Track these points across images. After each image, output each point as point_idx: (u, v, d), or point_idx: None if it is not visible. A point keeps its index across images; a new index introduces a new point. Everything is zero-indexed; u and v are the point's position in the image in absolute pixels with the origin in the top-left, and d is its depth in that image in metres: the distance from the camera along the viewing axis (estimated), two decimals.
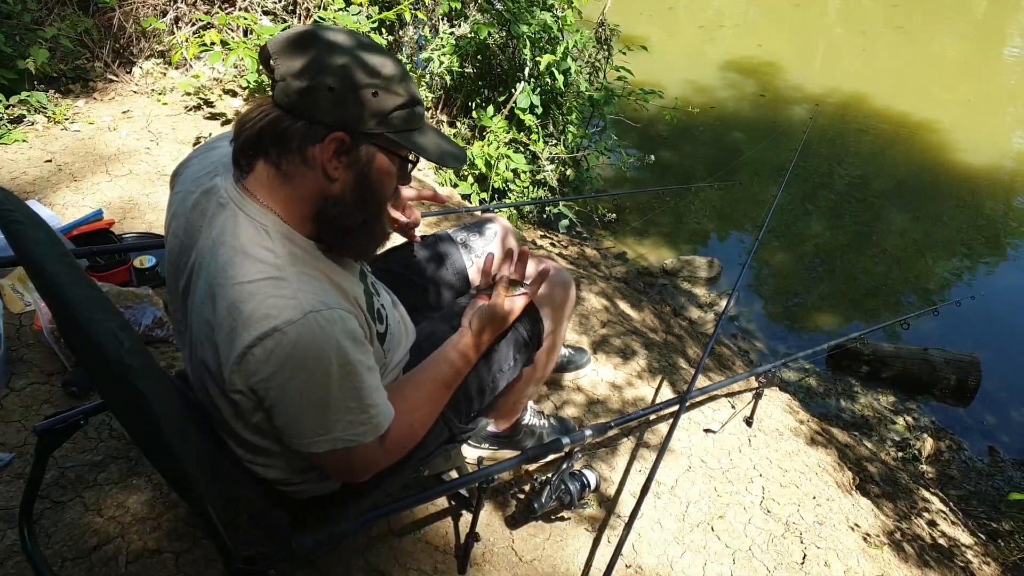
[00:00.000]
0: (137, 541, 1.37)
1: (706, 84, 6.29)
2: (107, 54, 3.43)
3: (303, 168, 0.94)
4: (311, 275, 0.94)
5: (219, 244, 0.93)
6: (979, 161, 5.29)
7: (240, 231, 0.93)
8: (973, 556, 2.08)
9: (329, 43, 0.92)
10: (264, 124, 0.92)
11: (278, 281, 0.90)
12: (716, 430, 2.07)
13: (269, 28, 3.23)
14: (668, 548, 1.67)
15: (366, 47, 0.95)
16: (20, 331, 1.82)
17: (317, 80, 0.89)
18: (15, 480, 1.44)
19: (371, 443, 1.01)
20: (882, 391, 3.18)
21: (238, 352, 0.88)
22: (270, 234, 0.93)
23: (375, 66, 0.93)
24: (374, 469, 1.08)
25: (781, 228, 4.35)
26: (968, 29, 9.16)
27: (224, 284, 0.90)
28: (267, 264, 0.91)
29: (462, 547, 1.48)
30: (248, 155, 0.96)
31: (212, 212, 0.96)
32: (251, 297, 0.89)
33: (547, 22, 3.50)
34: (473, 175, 3.51)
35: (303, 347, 0.89)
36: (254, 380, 0.90)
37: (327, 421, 0.96)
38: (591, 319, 2.50)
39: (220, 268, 0.91)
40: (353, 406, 0.97)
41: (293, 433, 0.96)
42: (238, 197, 0.95)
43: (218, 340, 0.90)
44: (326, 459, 1.00)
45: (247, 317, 0.88)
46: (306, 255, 0.97)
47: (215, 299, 0.90)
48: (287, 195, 0.96)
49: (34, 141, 2.80)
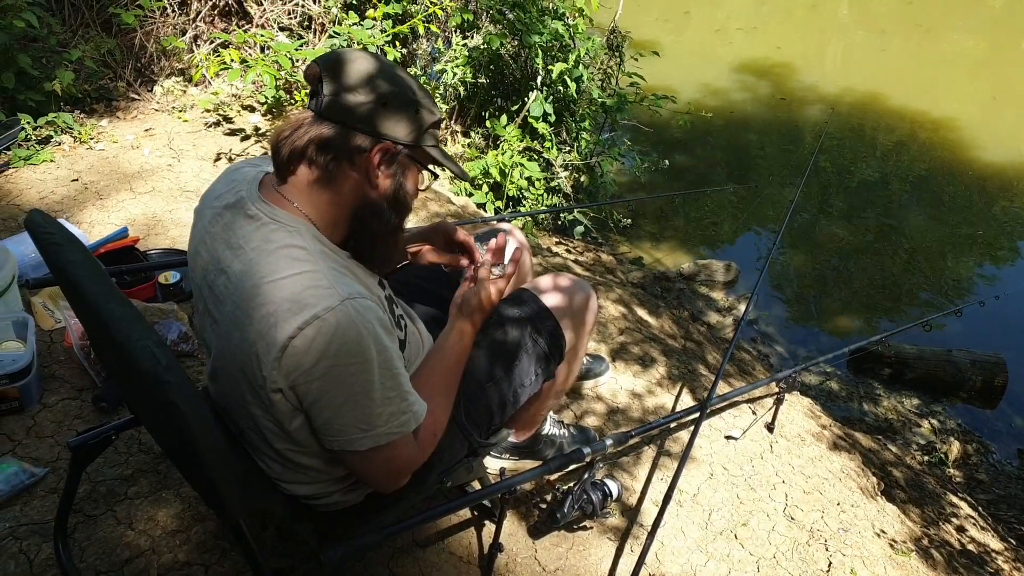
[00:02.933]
0: (168, 554, 1.39)
1: (720, 87, 6.27)
2: (129, 73, 3.51)
3: (349, 174, 1.00)
4: (340, 271, 0.99)
5: (249, 250, 0.96)
6: (999, 158, 5.21)
7: (271, 236, 0.97)
8: (1004, 562, 2.05)
9: (372, 66, 1.00)
10: (312, 135, 0.97)
11: (313, 274, 0.94)
12: (738, 437, 2.06)
13: (286, 44, 3.28)
14: (692, 556, 1.67)
15: (402, 70, 1.04)
16: (51, 348, 1.86)
17: (367, 97, 0.97)
18: (49, 495, 1.48)
19: (410, 437, 1.04)
20: (906, 394, 3.14)
21: (280, 345, 0.90)
22: (301, 234, 0.98)
23: (414, 87, 1.03)
24: (412, 467, 1.09)
25: (799, 230, 4.32)
26: (984, 24, 9.04)
27: (259, 284, 0.93)
28: (300, 260, 0.95)
29: (486, 557, 1.49)
30: (292, 163, 1.00)
31: (239, 224, 1.00)
32: (288, 290, 0.92)
33: (559, 31, 3.52)
34: (488, 184, 3.53)
35: (343, 332, 0.91)
36: (296, 374, 0.92)
37: (370, 414, 0.97)
38: (609, 326, 2.51)
39: (253, 271, 0.94)
40: (393, 396, 0.99)
41: (335, 431, 0.97)
42: (266, 207, 0.99)
43: (256, 340, 0.92)
44: (368, 459, 1.01)
45: (286, 309, 0.90)
46: (335, 255, 1.02)
47: (250, 300, 0.93)
48: (327, 199, 1.01)
49: (61, 161, 2.87)
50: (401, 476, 1.10)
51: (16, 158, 2.78)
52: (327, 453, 1.03)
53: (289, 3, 3.88)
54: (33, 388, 1.67)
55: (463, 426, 1.28)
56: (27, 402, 1.66)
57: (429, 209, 3.19)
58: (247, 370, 0.95)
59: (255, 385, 0.96)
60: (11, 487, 1.46)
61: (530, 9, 3.53)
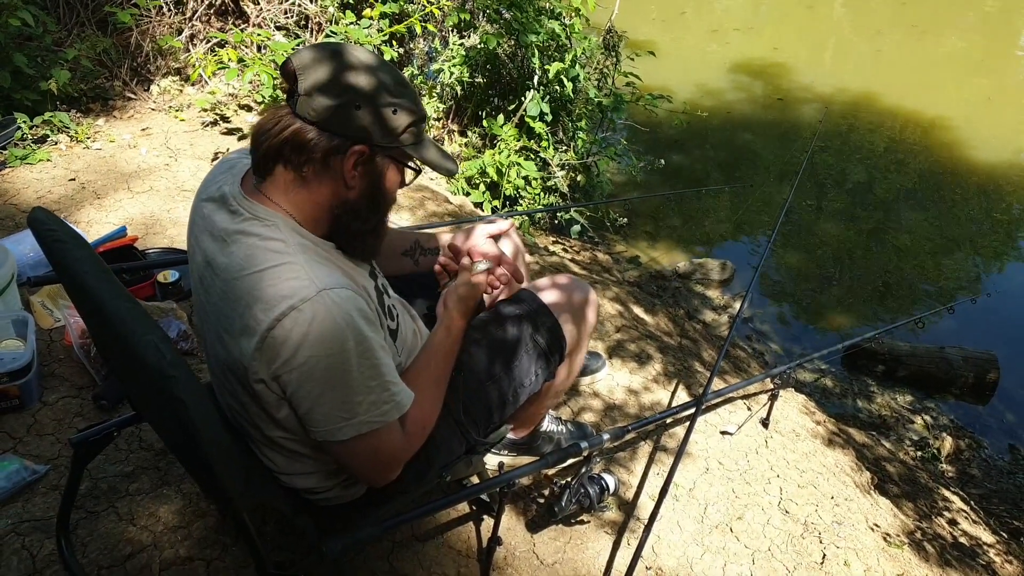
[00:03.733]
0: (169, 549, 1.40)
1: (716, 87, 6.29)
2: (125, 73, 3.51)
3: (323, 175, 1.00)
4: (320, 261, 0.99)
5: (231, 243, 0.98)
6: (992, 158, 5.25)
7: (250, 229, 0.98)
8: (995, 555, 2.07)
9: (353, 62, 0.99)
10: (287, 135, 0.97)
11: (290, 266, 0.95)
12: (733, 432, 2.08)
13: (283, 44, 3.29)
14: (688, 550, 1.69)
15: (384, 67, 1.02)
16: (51, 346, 1.87)
17: (343, 97, 0.96)
18: (50, 492, 1.49)
19: (394, 427, 1.04)
20: (899, 390, 3.17)
21: (258, 337, 0.92)
22: (280, 227, 0.99)
23: (393, 86, 1.01)
24: (401, 457, 1.10)
25: (794, 229, 4.35)
26: (978, 24, 9.10)
27: (238, 277, 0.95)
28: (277, 252, 0.96)
29: (484, 551, 1.50)
30: (269, 162, 1.00)
31: (222, 217, 1.01)
32: (265, 283, 0.93)
33: (555, 30, 3.54)
34: (485, 183, 3.54)
35: (319, 322, 0.92)
36: (276, 365, 0.93)
37: (350, 403, 0.98)
38: (606, 324, 2.52)
39: (233, 264, 0.96)
40: (374, 385, 0.99)
41: (317, 420, 0.98)
42: (246, 202, 1.01)
43: (238, 331, 0.95)
44: (352, 450, 1.02)
45: (264, 302, 0.92)
46: (316, 247, 1.02)
47: (230, 293, 0.96)
48: (304, 199, 1.01)
49: (58, 160, 2.87)
50: (389, 469, 1.09)
51: (13, 157, 2.78)
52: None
53: (286, 2, 3.89)
54: (33, 386, 1.68)
55: (461, 423, 1.28)
56: (27, 400, 1.67)
57: (427, 208, 3.20)
58: (232, 360, 0.98)
59: (239, 375, 0.98)
60: (12, 484, 1.46)
61: (527, 9, 3.54)
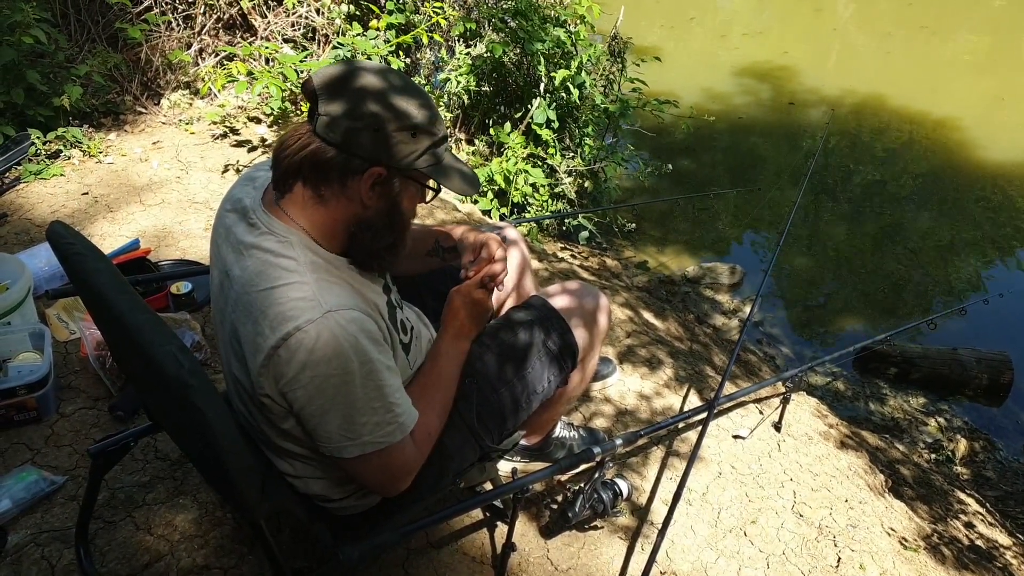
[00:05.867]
0: (186, 558, 1.42)
1: (724, 91, 6.29)
2: (136, 87, 3.56)
3: (340, 195, 1.01)
4: (330, 281, 1.00)
5: (247, 256, 1.00)
6: (1002, 157, 5.22)
7: (264, 244, 1.00)
8: (1012, 557, 2.05)
9: (373, 84, 0.99)
10: (307, 154, 0.99)
11: (299, 285, 0.96)
12: (745, 436, 2.07)
13: (291, 56, 3.33)
14: (702, 554, 1.68)
15: (406, 88, 1.02)
16: (67, 359, 1.89)
17: (362, 120, 0.97)
18: (68, 502, 1.51)
19: (403, 443, 1.05)
20: (912, 393, 3.15)
21: (264, 355, 0.94)
22: (292, 244, 1.00)
23: (413, 110, 1.00)
24: (411, 469, 1.11)
25: (803, 231, 4.33)
26: (985, 24, 9.05)
27: (249, 292, 0.97)
28: (288, 271, 0.97)
29: (499, 557, 1.51)
30: (288, 178, 1.02)
31: (241, 230, 1.03)
32: (273, 301, 0.95)
33: (560, 38, 3.56)
34: (492, 191, 3.56)
35: (323, 344, 0.93)
36: (282, 383, 0.95)
37: (354, 424, 0.99)
38: (616, 329, 2.53)
39: (247, 279, 0.98)
40: (378, 406, 1.00)
41: (323, 437, 1.00)
42: (265, 216, 1.02)
43: (246, 347, 0.97)
44: (360, 466, 1.03)
45: (271, 320, 0.94)
46: (328, 265, 1.03)
47: (242, 308, 0.97)
48: (321, 216, 1.02)
49: (71, 175, 2.91)
50: (400, 481, 1.10)
51: (27, 172, 2.82)
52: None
53: (293, 15, 3.93)
54: (50, 398, 1.70)
55: (475, 430, 1.29)
56: (45, 412, 1.69)
57: (435, 216, 3.22)
58: (240, 376, 1.01)
59: (248, 389, 1.01)
60: (31, 495, 1.48)
61: (532, 17, 3.57)
